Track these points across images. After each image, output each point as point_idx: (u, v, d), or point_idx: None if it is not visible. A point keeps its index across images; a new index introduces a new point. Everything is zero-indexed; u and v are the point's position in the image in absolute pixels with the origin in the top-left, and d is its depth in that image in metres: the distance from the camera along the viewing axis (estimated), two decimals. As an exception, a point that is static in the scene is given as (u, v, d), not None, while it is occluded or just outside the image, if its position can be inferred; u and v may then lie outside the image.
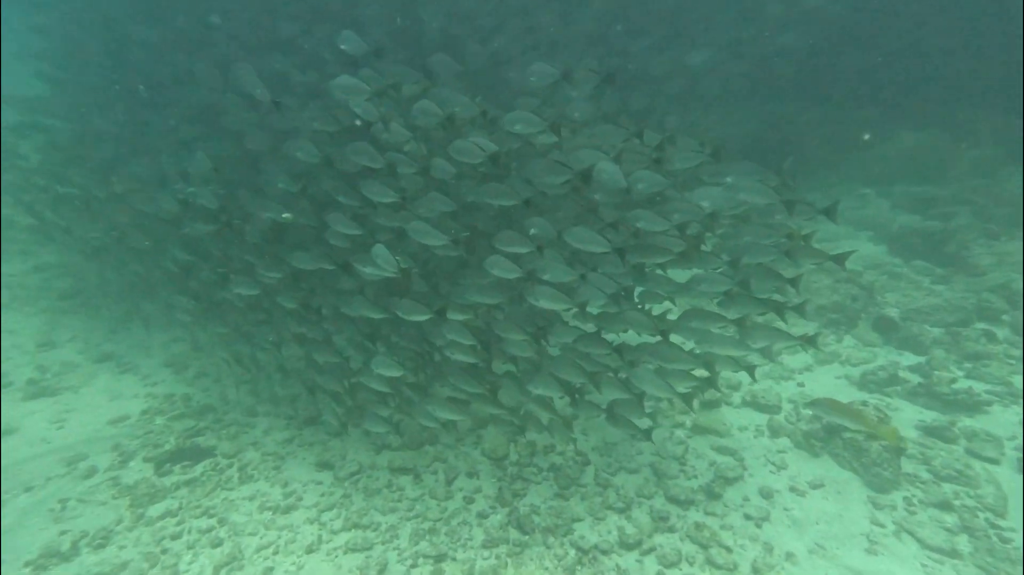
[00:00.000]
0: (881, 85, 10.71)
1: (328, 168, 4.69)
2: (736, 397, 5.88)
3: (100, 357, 6.78)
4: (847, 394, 5.80)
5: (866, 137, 10.06)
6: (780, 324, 4.66)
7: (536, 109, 4.35)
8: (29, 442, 5.30)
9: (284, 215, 4.62)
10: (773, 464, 4.96)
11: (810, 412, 5.31)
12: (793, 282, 3.98)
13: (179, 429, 5.49)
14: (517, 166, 4.35)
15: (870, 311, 7.11)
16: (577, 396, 4.19)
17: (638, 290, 4.37)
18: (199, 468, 4.98)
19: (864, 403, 5.10)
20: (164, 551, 4.17)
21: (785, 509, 4.51)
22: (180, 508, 4.53)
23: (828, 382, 6.08)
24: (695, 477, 4.77)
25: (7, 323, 7.49)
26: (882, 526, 4.32)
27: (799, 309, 4.06)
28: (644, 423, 4.20)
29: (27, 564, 4.03)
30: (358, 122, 4.59)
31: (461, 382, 4.31)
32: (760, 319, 7.01)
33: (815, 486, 4.72)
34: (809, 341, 4.04)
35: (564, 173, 3.85)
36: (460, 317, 4.23)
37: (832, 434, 5.03)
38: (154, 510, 4.51)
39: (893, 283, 7.72)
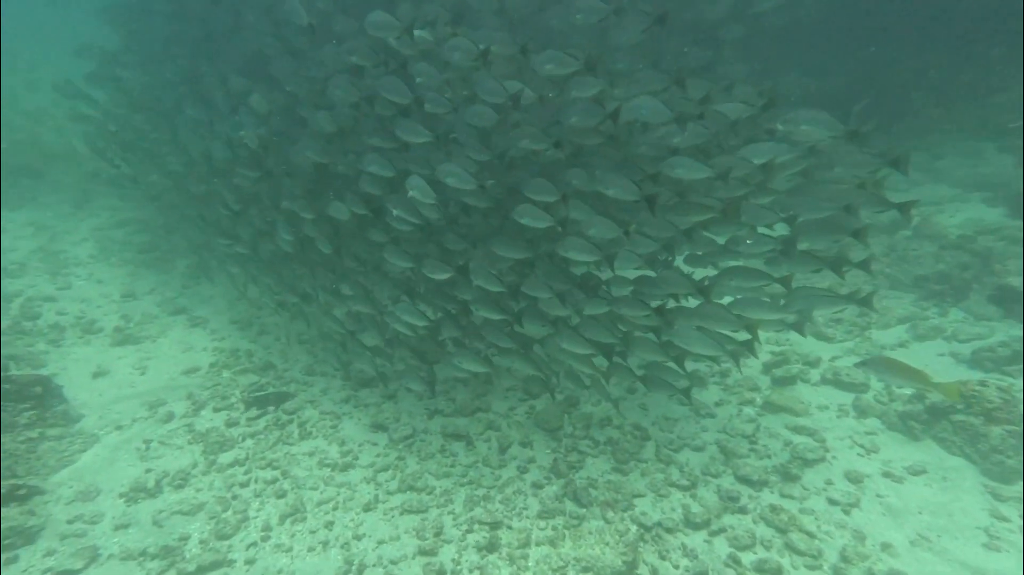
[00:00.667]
0: (1009, 15, 8.91)
1: (364, 108, 4.59)
2: (814, 374, 5.37)
3: (174, 310, 7.16)
4: (954, 373, 5.13)
5: (1011, 126, 8.30)
6: (827, 284, 4.15)
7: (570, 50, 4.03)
8: (118, 385, 5.71)
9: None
10: (861, 447, 4.50)
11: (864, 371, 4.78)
12: (858, 234, 3.49)
13: (243, 383, 5.72)
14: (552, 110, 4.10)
15: (984, 281, 6.20)
16: (613, 358, 4.03)
17: (684, 254, 4.07)
18: (262, 422, 5.18)
19: (983, 383, 4.46)
20: (235, 497, 4.39)
21: (878, 495, 4.09)
22: (247, 458, 4.74)
23: (929, 359, 5.40)
24: (768, 457, 4.42)
25: (98, 273, 8.05)
26: (1006, 520, 3.82)
27: (864, 265, 3.59)
28: (682, 383, 4.00)
29: (120, 495, 4.37)
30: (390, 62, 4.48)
31: (490, 336, 4.28)
32: (811, 279, 6.34)
33: (915, 472, 4.24)
34: (861, 301, 3.60)
35: (598, 114, 3.60)
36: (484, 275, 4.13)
37: (938, 416, 4.46)
38: (224, 458, 4.74)
39: (1014, 249, 6.67)
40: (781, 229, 3.81)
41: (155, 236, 8.80)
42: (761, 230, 3.79)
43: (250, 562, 3.85)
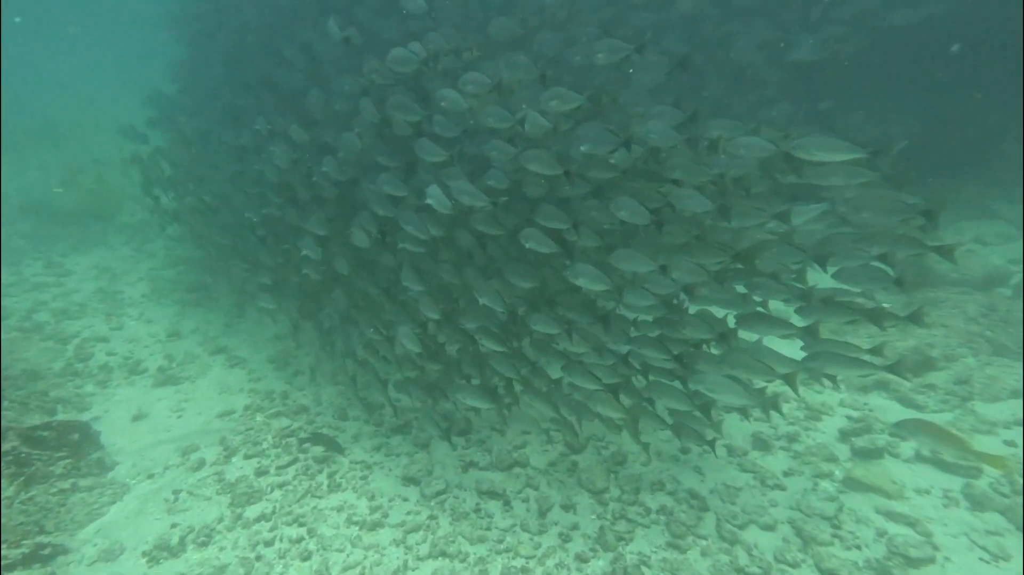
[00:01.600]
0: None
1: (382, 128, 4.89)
2: (905, 448, 4.62)
3: (215, 350, 7.22)
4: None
5: None
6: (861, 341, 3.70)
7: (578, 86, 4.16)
8: (155, 429, 5.70)
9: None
10: (984, 550, 3.72)
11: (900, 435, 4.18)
12: (900, 283, 3.15)
13: (276, 427, 5.58)
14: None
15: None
16: (642, 405, 3.85)
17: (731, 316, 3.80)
18: (291, 470, 4.98)
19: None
20: (258, 557, 4.14)
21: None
22: (274, 512, 4.51)
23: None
24: (857, 547, 3.74)
25: (149, 313, 8.31)
26: None
27: (915, 318, 3.10)
28: (709, 434, 3.70)
29: (143, 555, 4.21)
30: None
31: (499, 368, 4.20)
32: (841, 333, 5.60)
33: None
34: (891, 368, 3.20)
35: (612, 141, 3.62)
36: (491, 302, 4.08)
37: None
38: (251, 511, 4.54)
39: None
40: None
41: (202, 275, 9.08)
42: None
43: (267, 636, 3.54)
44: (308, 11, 7.64)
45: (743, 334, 3.69)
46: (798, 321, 3.49)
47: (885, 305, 3.44)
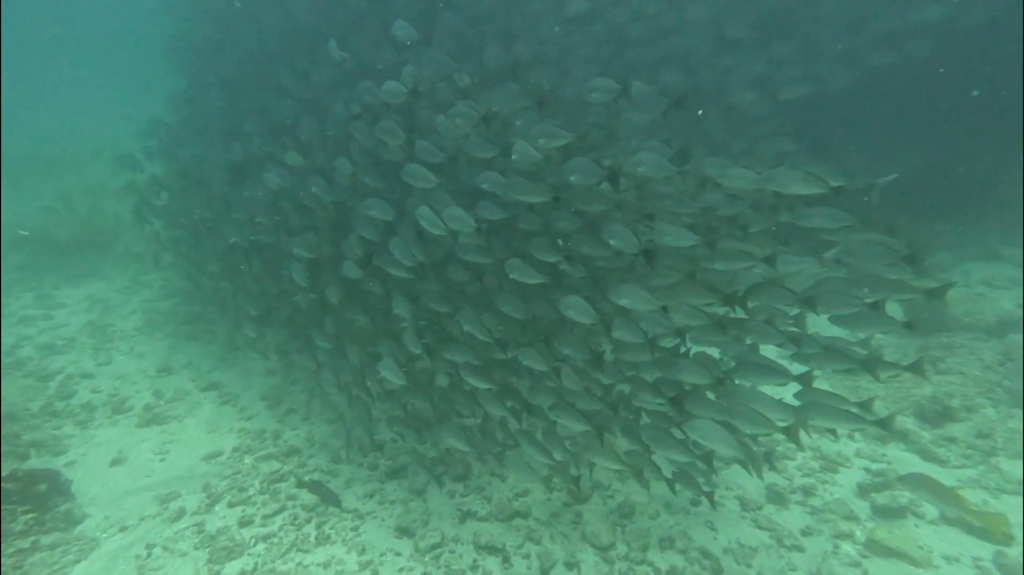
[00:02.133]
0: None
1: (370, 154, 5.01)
2: (929, 508, 4.30)
3: (207, 386, 6.96)
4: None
5: None
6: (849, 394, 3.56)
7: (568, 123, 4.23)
8: (134, 474, 5.39)
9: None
10: None
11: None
12: (908, 326, 3.10)
13: (264, 471, 5.28)
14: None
15: None
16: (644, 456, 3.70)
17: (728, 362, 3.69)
18: (278, 520, 4.66)
19: None
20: (235, 621, 3.80)
21: None
22: (255, 570, 4.18)
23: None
24: (890, 619, 3.41)
25: (140, 347, 8.08)
26: None
27: (916, 369, 2.97)
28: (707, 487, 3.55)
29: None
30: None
31: (484, 403, 4.10)
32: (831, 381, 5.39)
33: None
34: (880, 423, 3.08)
35: (598, 174, 3.68)
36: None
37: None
38: (230, 568, 4.21)
39: None
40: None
41: (198, 306, 8.88)
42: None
43: None
44: (305, 39, 7.74)
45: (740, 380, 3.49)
46: (795, 369, 3.36)
47: (884, 357, 3.28)
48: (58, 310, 8.86)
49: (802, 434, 3.42)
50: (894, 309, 3.66)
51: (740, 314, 3.51)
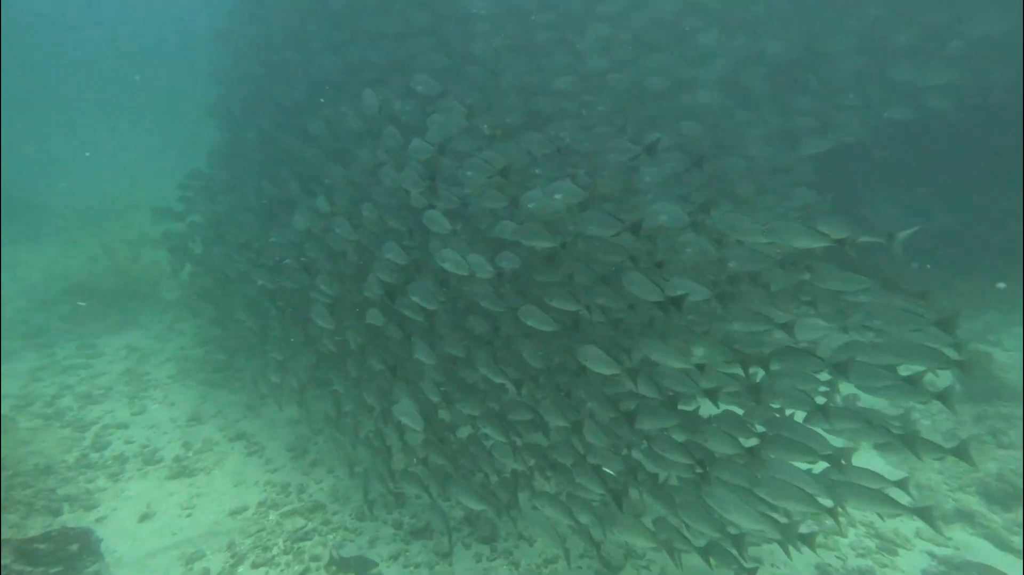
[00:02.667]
0: None
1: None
2: None
3: (235, 435, 6.99)
4: None
5: None
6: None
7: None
8: (161, 531, 5.36)
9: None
10: None
11: None
12: (944, 397, 2.86)
13: (288, 529, 5.19)
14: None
15: None
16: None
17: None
18: (301, 585, 4.52)
19: None
20: None
21: None
22: (277, 639, 4.03)
23: None
24: None
25: (172, 395, 8.22)
26: None
27: (961, 451, 2.72)
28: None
29: None
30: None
31: (501, 458, 4.07)
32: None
33: None
34: (921, 512, 2.82)
35: (615, 226, 3.74)
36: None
37: None
38: (252, 637, 4.07)
39: None
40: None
41: (227, 354, 9.05)
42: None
43: None
44: (334, 92, 8.16)
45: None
46: (829, 443, 3.13)
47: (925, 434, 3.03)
48: (98, 359, 9.16)
49: (844, 511, 3.17)
50: (943, 374, 3.40)
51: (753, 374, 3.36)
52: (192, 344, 9.83)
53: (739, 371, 3.41)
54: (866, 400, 5.95)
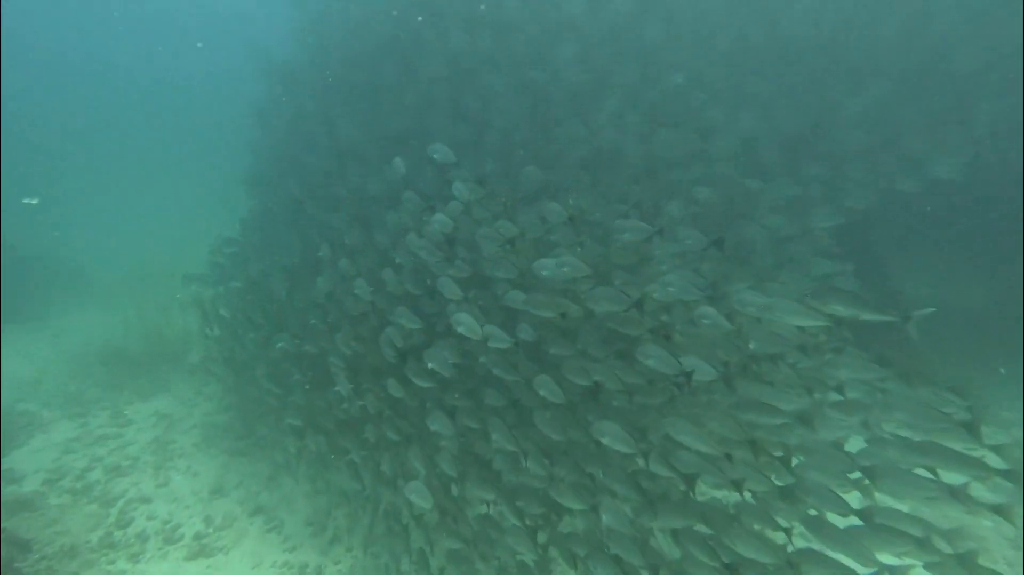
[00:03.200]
0: None
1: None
2: None
3: (255, 509, 6.93)
4: None
5: None
6: None
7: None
8: (177, 619, 5.25)
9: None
10: None
11: None
12: (1004, 511, 2.62)
13: (304, 620, 5.00)
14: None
15: None
16: None
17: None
18: None
19: None
20: None
21: None
22: None
23: None
24: None
25: (196, 465, 8.27)
26: None
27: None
28: None
29: None
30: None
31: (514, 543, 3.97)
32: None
33: None
34: None
35: (625, 302, 3.79)
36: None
37: None
38: None
39: None
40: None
41: (251, 421, 9.12)
42: None
43: None
44: (359, 160, 8.60)
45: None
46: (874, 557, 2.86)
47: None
48: (128, 427, 9.35)
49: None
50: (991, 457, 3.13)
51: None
52: (217, 410, 9.97)
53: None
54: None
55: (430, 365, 4.65)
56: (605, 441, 3.54)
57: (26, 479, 7.60)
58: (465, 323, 4.43)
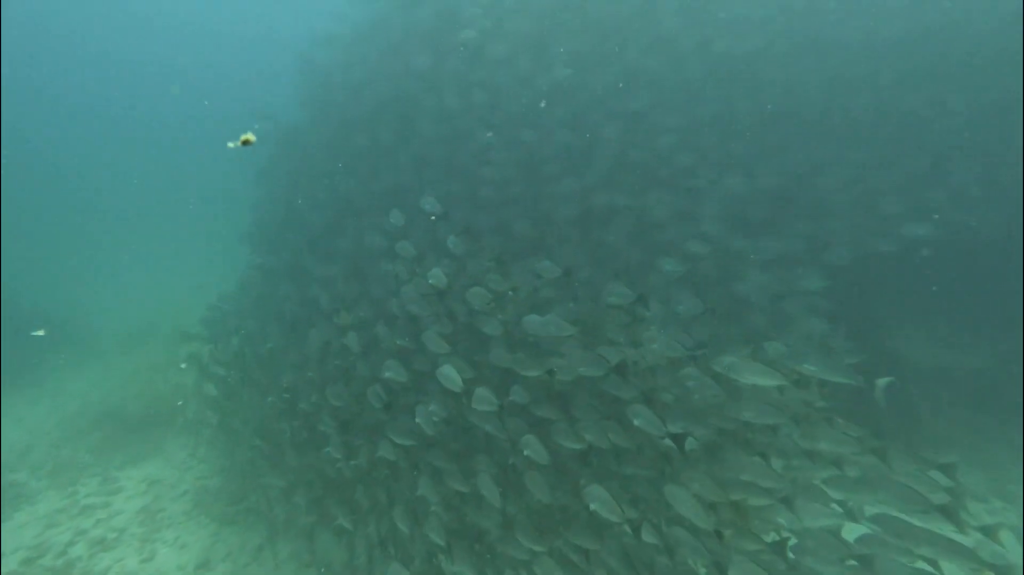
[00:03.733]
0: None
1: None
2: None
3: (241, 587, 6.57)
4: None
5: None
6: None
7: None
8: None
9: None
10: None
11: None
12: None
13: None
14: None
15: None
16: None
17: None
18: None
19: None
20: None
21: None
22: None
23: None
24: None
25: (185, 535, 7.93)
26: None
27: None
28: None
29: None
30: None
31: None
32: None
33: None
34: None
35: (603, 366, 3.85)
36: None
37: None
38: None
39: None
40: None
41: (243, 486, 8.83)
42: None
43: None
44: (354, 216, 8.78)
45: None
46: None
47: None
48: (117, 495, 9.06)
49: None
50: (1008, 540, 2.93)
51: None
52: (210, 473, 9.68)
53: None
54: None
55: (418, 420, 4.67)
56: (594, 507, 3.44)
57: (5, 559, 7.29)
58: (449, 377, 4.45)
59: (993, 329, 6.03)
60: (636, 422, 3.52)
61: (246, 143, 2.36)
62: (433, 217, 6.73)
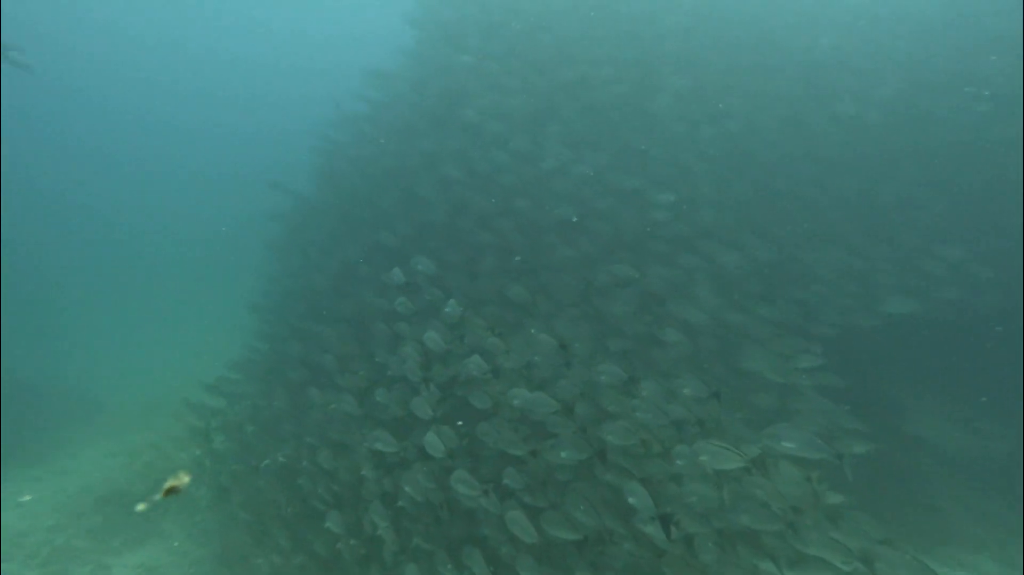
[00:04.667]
0: None
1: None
2: None
3: None
4: None
5: None
6: None
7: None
8: None
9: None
10: None
11: None
12: None
13: None
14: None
15: None
16: None
17: None
18: None
19: None
20: None
21: None
22: None
23: None
24: None
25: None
26: None
27: None
28: None
29: None
30: None
31: None
32: None
33: None
34: None
35: (586, 450, 3.94)
36: None
37: None
38: None
39: None
40: None
41: (250, 568, 8.42)
42: None
43: None
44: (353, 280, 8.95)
45: None
46: None
47: None
48: (109, 586, 8.66)
49: None
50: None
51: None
52: (209, 558, 9.28)
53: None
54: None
55: (407, 488, 4.75)
56: None
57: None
58: (434, 445, 4.51)
59: (1016, 411, 5.68)
60: (631, 500, 3.48)
61: (170, 492, 2.28)
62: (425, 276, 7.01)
